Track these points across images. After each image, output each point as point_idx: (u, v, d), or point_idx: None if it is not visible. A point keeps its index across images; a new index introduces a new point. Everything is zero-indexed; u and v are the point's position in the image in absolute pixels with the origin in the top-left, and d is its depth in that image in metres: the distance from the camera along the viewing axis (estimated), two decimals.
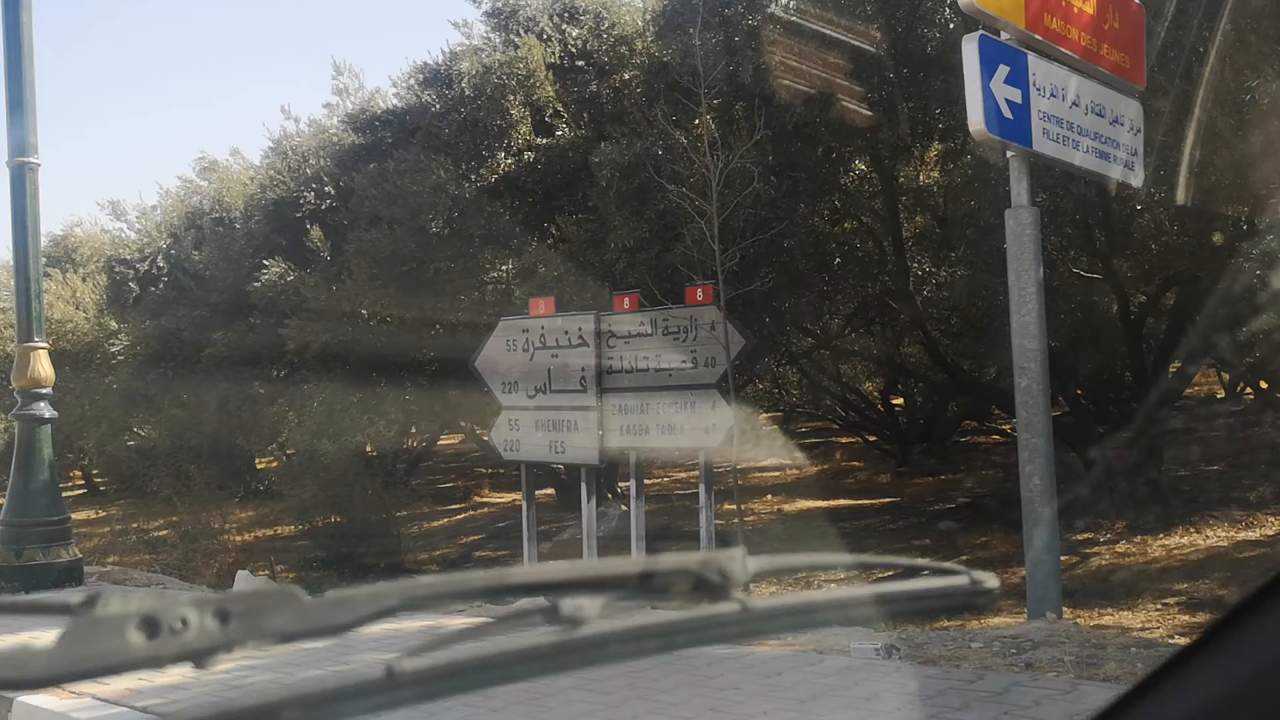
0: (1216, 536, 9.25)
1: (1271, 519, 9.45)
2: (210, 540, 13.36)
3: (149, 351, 15.18)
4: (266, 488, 16.33)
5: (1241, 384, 19.32)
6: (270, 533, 14.88)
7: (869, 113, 9.31)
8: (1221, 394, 19.84)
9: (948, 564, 1.01)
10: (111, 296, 16.62)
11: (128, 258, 16.35)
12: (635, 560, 0.85)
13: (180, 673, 5.33)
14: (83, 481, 23.50)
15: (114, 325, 17.06)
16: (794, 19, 9.23)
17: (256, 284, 12.74)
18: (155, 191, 32.24)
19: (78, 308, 18.40)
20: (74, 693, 5.10)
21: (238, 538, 14.44)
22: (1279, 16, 7.03)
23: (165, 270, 15.69)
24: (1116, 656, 3.88)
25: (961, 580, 0.99)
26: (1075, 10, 6.13)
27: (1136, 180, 6.88)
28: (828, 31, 8.78)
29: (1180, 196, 8.90)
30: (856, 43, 8.85)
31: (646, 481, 9.82)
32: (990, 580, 0.99)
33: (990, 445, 17.54)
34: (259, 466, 18.50)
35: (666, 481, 16.01)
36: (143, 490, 16.01)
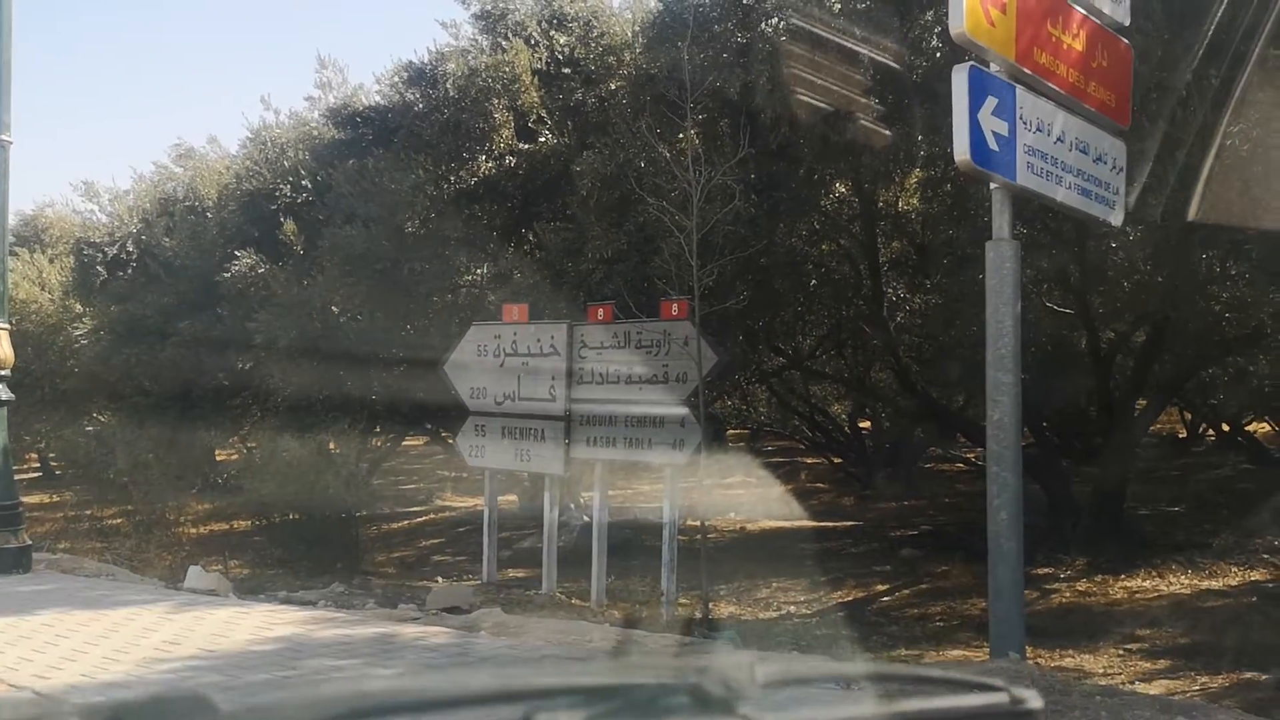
0: (1179, 583, 9.26)
1: (1234, 569, 9.47)
2: (165, 532, 13.15)
3: (113, 336, 14.94)
4: (226, 481, 16.11)
5: (1204, 425, 19.49)
6: (226, 527, 14.68)
7: (852, 136, 9.30)
8: (1183, 434, 20.00)
9: (986, 679, 0.92)
10: (78, 279, 16.37)
11: (97, 240, 16.10)
12: (623, 665, 0.76)
13: (124, 669, 5.20)
14: (38, 465, 23.14)
15: (79, 308, 16.80)
16: (783, 40, 9.21)
17: (226, 274, 12.57)
18: (129, 176, 31.87)
19: (43, 289, 18.12)
20: (13, 685, 4.97)
21: (193, 530, 14.23)
22: (1263, 64, 7.07)
23: (134, 255, 15.46)
24: (1081, 704, 3.86)
25: (1000, 698, 0.89)
26: (1065, 46, 6.14)
27: (1116, 219, 6.89)
28: (816, 54, 8.77)
29: (1156, 236, 8.95)
30: (844, 67, 8.83)
31: (610, 493, 9.76)
32: (1034, 700, 0.89)
33: (955, 473, 17.59)
34: (219, 459, 18.26)
35: (630, 494, 15.93)
36: (99, 477, 15.75)
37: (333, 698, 0.67)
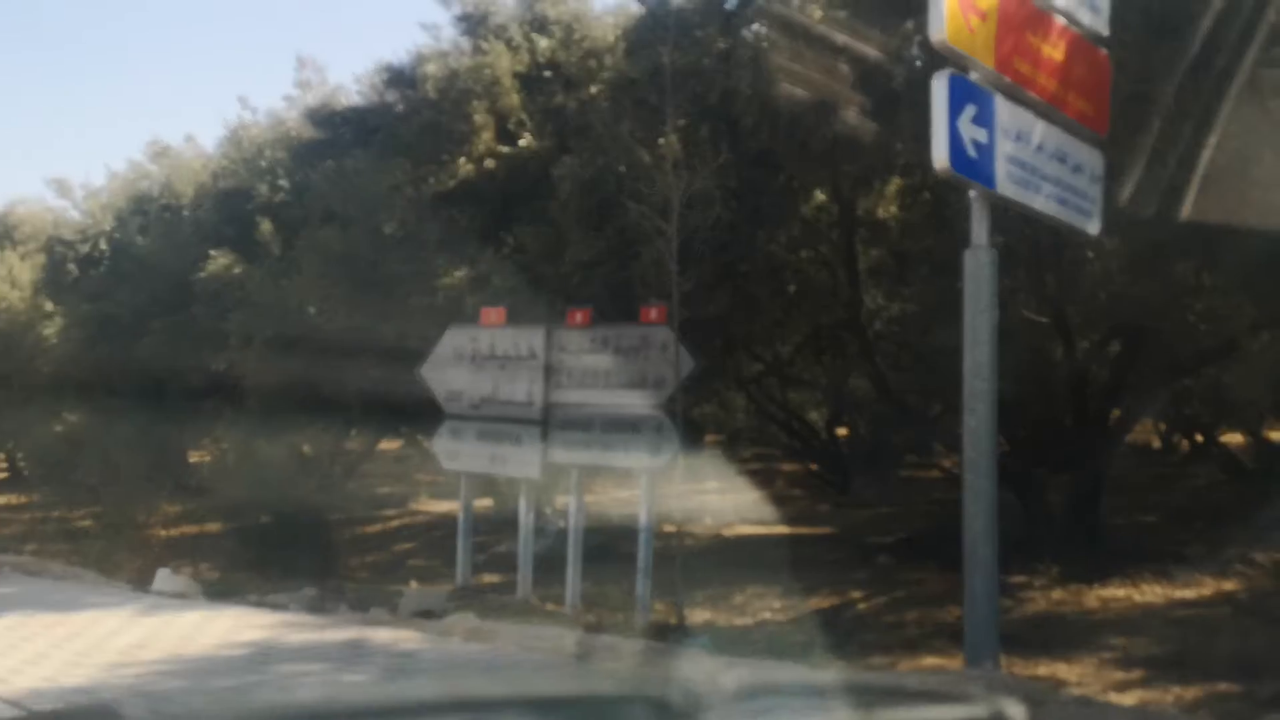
0: (1153, 593, 9.27)
1: (1208, 579, 9.48)
2: (134, 534, 13.00)
3: (84, 335, 14.79)
4: (197, 482, 15.96)
5: (1178, 436, 19.61)
6: (197, 529, 14.52)
7: (832, 143, 9.29)
8: (1157, 444, 20.09)
9: (966, 690, 0.88)
10: (50, 277, 16.22)
11: (69, 238, 15.96)
12: (583, 674, 0.71)
13: (88, 674, 5.12)
14: (6, 465, 22.89)
15: (50, 306, 16.63)
16: (765, 46, 9.21)
17: (201, 274, 12.47)
18: (104, 174, 31.56)
19: (14, 286, 17.92)
20: None
21: (163, 532, 14.08)
22: (1242, 77, 7.11)
23: (107, 253, 15.33)
24: (1057, 714, 3.85)
25: (979, 710, 0.85)
26: (1044, 55, 6.15)
27: (1093, 228, 6.91)
28: (797, 61, 8.76)
29: (1132, 246, 8.99)
30: (824, 74, 8.83)
31: (586, 498, 9.71)
32: (1015, 711, 0.86)
33: (930, 480, 17.59)
34: (191, 460, 18.08)
35: (606, 499, 15.88)
36: (68, 478, 15.57)
37: (253, 708, 0.62)
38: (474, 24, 11.88)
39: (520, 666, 5.50)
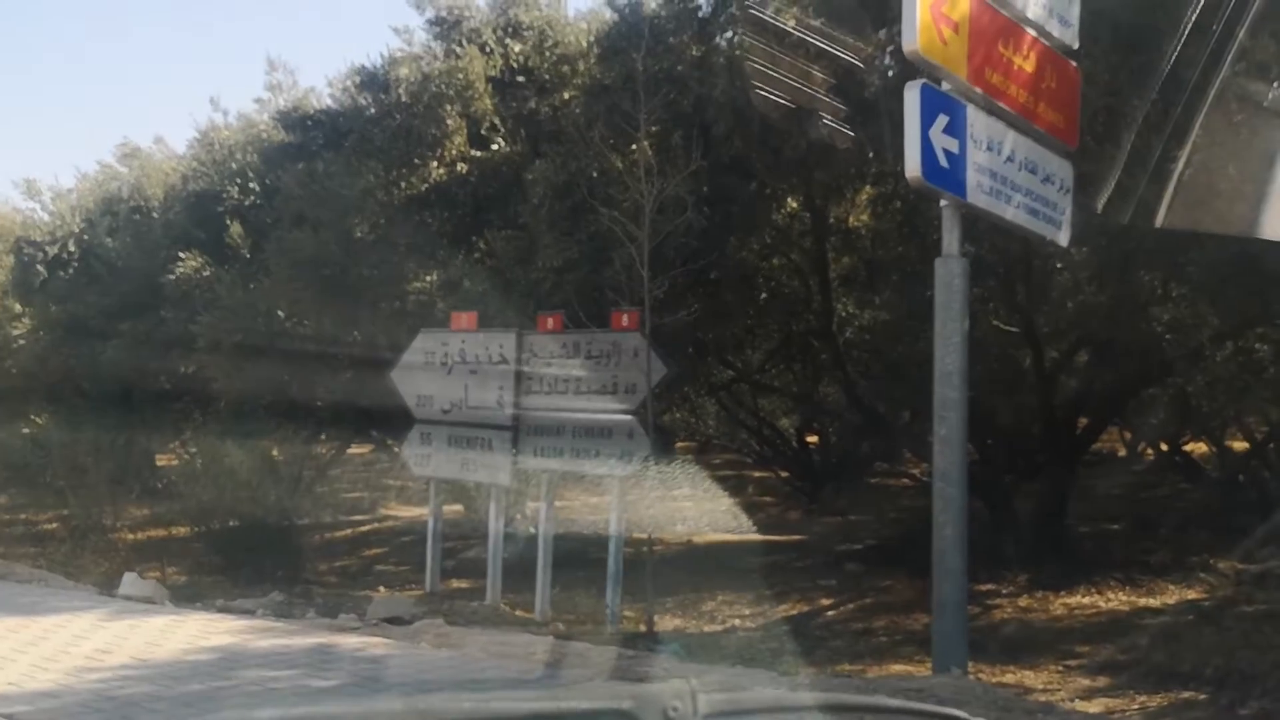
0: (1118, 600, 9.36)
1: (1171, 587, 9.58)
2: (101, 537, 12.85)
3: (52, 337, 14.64)
4: (165, 486, 15.81)
5: (1143, 444, 19.78)
6: (165, 533, 14.38)
7: (805, 152, 9.33)
8: (1123, 452, 20.25)
9: (945, 709, 0.89)
10: (17, 278, 16.02)
11: (37, 239, 15.78)
12: (553, 691, 0.70)
13: (53, 678, 5.06)
14: None
15: (18, 308, 16.44)
16: (738, 54, 9.24)
17: (171, 276, 12.36)
18: (73, 174, 31.24)
19: None
20: None
21: (130, 536, 13.93)
22: (1205, 89, 7.19)
23: (76, 255, 15.18)
24: None
25: None
26: (1015, 67, 6.21)
27: (1063, 239, 6.98)
28: (771, 69, 8.80)
29: (1100, 257, 9.08)
30: (798, 83, 8.87)
31: (556, 504, 9.70)
32: None
33: (900, 488, 17.68)
34: (159, 464, 17.91)
35: (577, 505, 15.85)
36: (35, 480, 15.39)
37: None
38: (447, 28, 11.85)
39: (489, 675, 5.49)
